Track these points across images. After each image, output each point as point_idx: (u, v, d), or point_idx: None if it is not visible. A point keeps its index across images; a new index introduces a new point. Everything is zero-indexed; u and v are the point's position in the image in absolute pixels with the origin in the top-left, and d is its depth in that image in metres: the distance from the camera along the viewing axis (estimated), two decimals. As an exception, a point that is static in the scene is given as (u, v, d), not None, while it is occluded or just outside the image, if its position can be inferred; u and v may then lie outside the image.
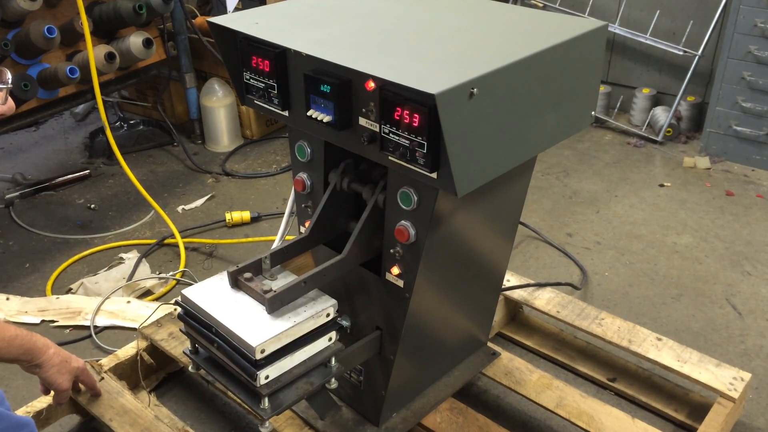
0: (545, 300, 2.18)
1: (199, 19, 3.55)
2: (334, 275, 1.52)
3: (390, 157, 1.38)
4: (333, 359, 1.50)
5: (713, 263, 2.69)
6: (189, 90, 3.58)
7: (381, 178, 1.54)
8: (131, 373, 2.03)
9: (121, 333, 2.36)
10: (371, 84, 1.34)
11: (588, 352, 2.20)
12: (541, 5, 3.83)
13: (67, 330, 2.38)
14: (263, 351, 1.36)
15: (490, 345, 2.05)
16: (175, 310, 2.17)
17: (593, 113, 1.61)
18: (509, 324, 2.31)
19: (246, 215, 2.98)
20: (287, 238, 2.03)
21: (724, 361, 1.94)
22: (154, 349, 2.09)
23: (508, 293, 2.21)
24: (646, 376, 2.11)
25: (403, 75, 1.26)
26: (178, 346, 2.03)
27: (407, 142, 1.31)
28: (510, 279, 2.25)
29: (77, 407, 1.93)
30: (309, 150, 1.65)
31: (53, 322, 2.41)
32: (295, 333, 1.42)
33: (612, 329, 2.05)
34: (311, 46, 1.42)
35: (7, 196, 3.19)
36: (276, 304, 1.42)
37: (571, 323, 2.09)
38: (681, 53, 3.53)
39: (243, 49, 1.55)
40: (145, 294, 2.58)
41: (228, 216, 2.97)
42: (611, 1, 3.75)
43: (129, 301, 2.47)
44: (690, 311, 2.43)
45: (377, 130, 1.37)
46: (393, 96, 1.30)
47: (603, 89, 3.84)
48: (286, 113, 1.57)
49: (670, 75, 3.74)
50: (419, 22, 1.57)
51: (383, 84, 1.31)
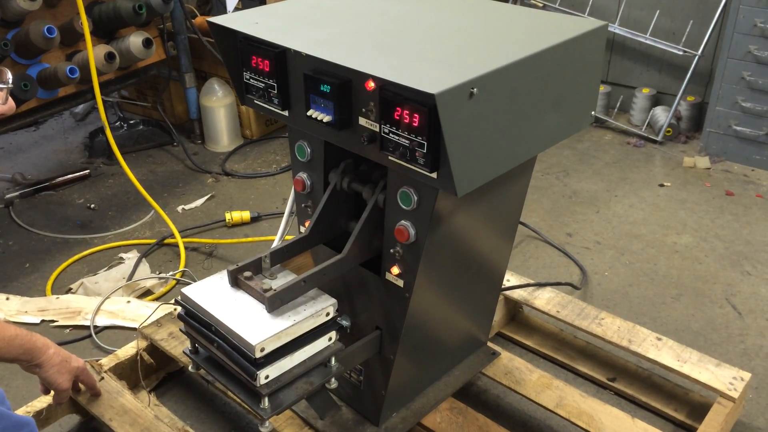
0: (545, 300, 2.18)
1: (199, 19, 3.55)
2: (334, 274, 1.52)
3: (390, 157, 1.38)
4: (333, 359, 1.50)
5: (713, 263, 2.69)
6: (189, 90, 3.58)
7: (381, 177, 1.54)
8: (131, 373, 2.03)
9: (121, 333, 2.36)
10: (371, 84, 1.34)
11: (588, 351, 2.20)
12: (541, 5, 3.83)
13: (67, 330, 2.38)
14: (263, 349, 1.36)
15: (490, 345, 2.05)
16: (175, 310, 2.17)
17: (593, 113, 1.61)
18: (509, 324, 2.31)
19: (246, 215, 2.98)
20: (287, 237, 2.03)
21: (723, 361, 1.94)
22: (154, 349, 2.09)
23: (508, 293, 2.22)
24: (645, 375, 2.11)
25: (403, 75, 1.26)
26: (178, 345, 2.03)
27: (407, 142, 1.31)
28: (510, 279, 2.25)
29: (77, 407, 1.93)
30: (309, 150, 1.65)
31: (53, 321, 2.41)
32: (295, 332, 1.42)
33: (612, 329, 2.05)
34: (311, 46, 1.42)
35: (7, 196, 3.19)
36: (276, 302, 1.42)
37: (571, 323, 2.09)
38: (681, 53, 3.53)
39: (243, 49, 1.55)
40: (145, 294, 2.58)
41: (228, 216, 2.97)
42: (611, 1, 3.75)
43: (129, 301, 2.47)
44: (690, 311, 2.43)
45: (377, 130, 1.37)
46: (393, 96, 1.30)
47: (603, 89, 3.84)
48: (286, 113, 1.57)
49: (669, 75, 3.74)
50: (419, 22, 1.57)
51: (383, 84, 1.31)
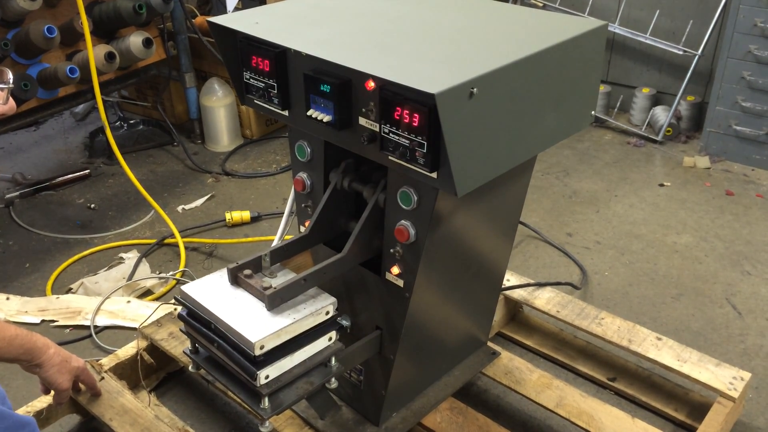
0: (545, 300, 2.18)
1: (199, 19, 3.55)
2: (333, 273, 1.52)
3: (390, 157, 1.38)
4: (333, 359, 1.50)
5: (713, 263, 2.69)
6: (189, 90, 3.58)
7: (382, 177, 1.54)
8: (131, 373, 2.03)
9: (121, 333, 2.36)
10: (371, 84, 1.34)
11: (588, 351, 2.20)
12: (541, 5, 3.83)
13: (67, 330, 2.38)
14: (262, 347, 1.36)
15: (490, 344, 2.05)
16: (175, 310, 2.17)
17: (593, 113, 1.61)
18: (509, 323, 2.31)
19: (246, 215, 2.98)
20: (286, 237, 2.03)
21: (723, 361, 1.94)
22: (154, 349, 2.09)
23: (508, 293, 2.21)
24: (645, 375, 2.11)
25: (403, 75, 1.26)
26: (178, 345, 2.03)
27: (407, 141, 1.31)
28: (510, 279, 2.25)
29: (77, 407, 1.93)
30: (309, 150, 1.65)
31: (53, 321, 2.41)
32: (295, 330, 1.42)
33: (612, 329, 2.05)
34: (311, 45, 1.42)
35: (7, 195, 3.19)
36: (276, 300, 1.42)
37: (571, 323, 2.09)
38: (681, 53, 3.53)
39: (243, 49, 1.55)
40: (145, 294, 2.58)
41: (228, 216, 2.97)
42: (611, 1, 3.75)
43: (129, 301, 2.47)
44: (690, 311, 2.43)
45: (377, 129, 1.37)
46: (393, 96, 1.30)
47: (603, 89, 3.84)
48: (286, 113, 1.57)
49: (669, 74, 3.74)
50: (419, 22, 1.57)
51: (383, 84, 1.31)
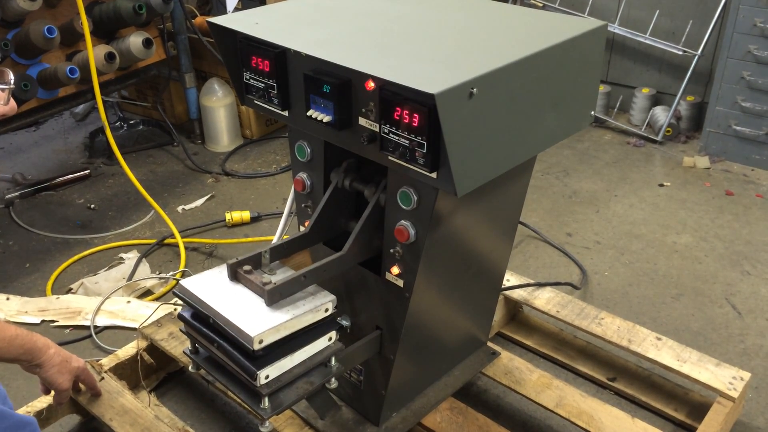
0: (545, 300, 2.18)
1: (199, 19, 3.55)
2: (333, 271, 1.52)
3: (390, 157, 1.38)
4: (333, 359, 1.50)
5: (713, 263, 2.69)
6: (189, 90, 3.58)
7: (383, 177, 1.54)
8: (131, 373, 2.03)
9: (121, 333, 2.36)
10: (371, 84, 1.34)
11: (588, 351, 2.20)
12: (541, 5, 3.83)
13: (67, 330, 2.38)
14: (261, 341, 1.35)
15: (489, 344, 2.06)
16: (175, 310, 2.18)
17: (593, 113, 1.61)
18: (509, 324, 2.31)
19: (246, 215, 2.98)
20: (284, 237, 2.03)
21: (723, 361, 1.94)
22: (154, 349, 2.09)
23: (507, 293, 2.22)
24: (645, 375, 2.11)
25: (403, 75, 1.26)
26: (178, 345, 2.03)
27: (407, 142, 1.31)
28: (510, 279, 2.25)
29: (77, 407, 1.93)
30: (309, 150, 1.65)
31: (53, 322, 2.41)
32: (294, 326, 1.41)
33: (612, 329, 2.05)
34: (311, 46, 1.42)
35: (7, 196, 3.19)
36: (275, 296, 1.42)
37: (571, 323, 2.09)
38: (680, 53, 3.53)
39: (243, 49, 1.55)
40: (145, 294, 2.58)
41: (228, 216, 2.97)
42: (611, 1, 3.75)
43: (129, 301, 2.47)
44: (690, 311, 2.43)
45: (377, 130, 1.37)
46: (393, 96, 1.30)
47: (602, 89, 3.84)
48: (285, 113, 1.58)
49: (669, 75, 3.74)
50: (419, 22, 1.57)
51: (383, 84, 1.31)
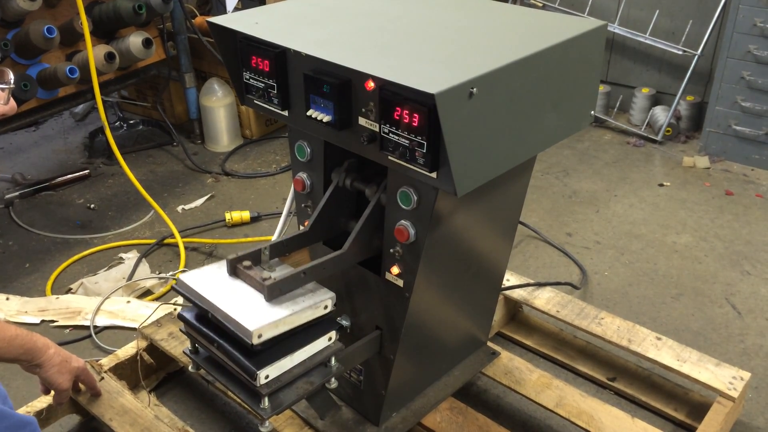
0: (545, 299, 2.18)
1: (199, 19, 3.55)
2: (333, 269, 1.52)
3: (390, 157, 1.38)
4: (333, 359, 1.49)
5: (713, 263, 2.69)
6: (188, 90, 3.58)
7: (384, 176, 1.54)
8: (131, 373, 2.03)
9: (121, 333, 2.36)
10: (371, 84, 1.34)
11: (588, 351, 2.20)
12: (541, 5, 3.83)
13: (67, 330, 2.38)
14: (260, 336, 1.34)
15: (489, 344, 2.06)
16: (175, 310, 2.18)
17: (593, 113, 1.61)
18: (509, 323, 2.31)
19: (246, 215, 2.98)
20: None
21: (723, 361, 1.94)
22: (154, 349, 2.09)
23: (507, 293, 2.22)
24: (645, 375, 2.11)
25: (403, 75, 1.26)
26: (178, 345, 2.03)
27: (407, 141, 1.31)
28: (510, 278, 2.25)
29: (77, 407, 1.93)
30: (309, 150, 1.65)
31: (53, 322, 2.41)
32: (293, 321, 1.41)
33: (612, 329, 2.05)
34: (311, 46, 1.42)
35: (7, 196, 3.19)
36: (275, 291, 1.41)
37: (571, 323, 2.09)
38: (680, 53, 3.53)
39: (243, 49, 1.55)
40: (145, 294, 2.58)
41: (228, 216, 2.97)
42: (611, 1, 3.75)
43: (129, 301, 2.47)
44: (689, 311, 2.43)
45: (377, 129, 1.37)
46: (392, 96, 1.30)
47: (602, 89, 3.84)
48: (285, 113, 1.58)
49: (669, 74, 3.74)
50: (419, 21, 1.57)
51: (383, 84, 1.31)
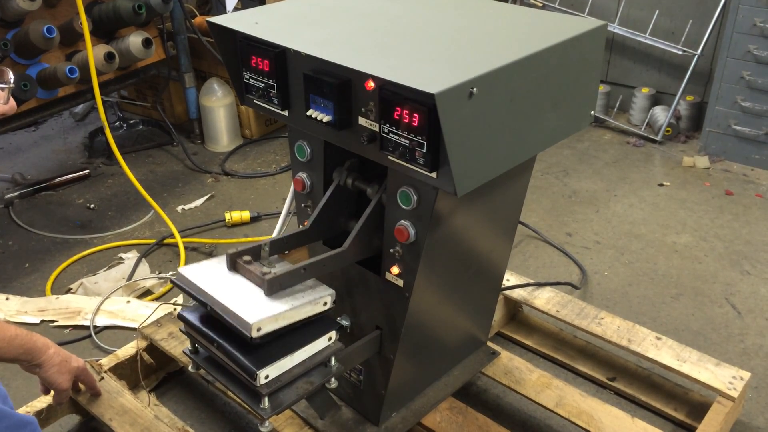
0: (545, 299, 2.18)
1: (199, 19, 3.55)
2: (333, 267, 1.52)
3: (390, 157, 1.38)
4: (333, 359, 1.49)
5: (712, 262, 2.69)
6: (188, 90, 3.58)
7: (385, 175, 1.54)
8: (131, 373, 2.03)
9: (121, 333, 2.36)
10: (371, 84, 1.34)
11: (587, 351, 2.20)
12: (541, 5, 3.83)
13: (67, 330, 2.38)
14: (260, 329, 1.34)
15: (489, 344, 2.06)
16: (175, 310, 2.18)
17: (592, 113, 1.61)
18: (509, 323, 2.31)
19: (245, 215, 2.98)
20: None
21: (723, 360, 1.94)
22: (153, 349, 2.09)
23: (507, 293, 2.22)
24: (645, 375, 2.11)
25: (403, 75, 1.26)
26: (177, 345, 2.03)
27: (407, 141, 1.31)
28: (510, 278, 2.25)
29: (77, 407, 1.93)
30: (309, 150, 1.65)
31: (53, 322, 2.40)
32: (293, 316, 1.40)
33: (611, 328, 2.05)
34: (311, 45, 1.42)
35: (7, 196, 3.19)
36: (275, 286, 1.41)
37: (571, 323, 2.09)
38: (680, 53, 3.53)
39: (242, 49, 1.55)
40: (145, 294, 2.58)
41: (227, 216, 2.97)
42: (610, 1, 3.75)
43: (129, 301, 2.47)
44: (689, 310, 2.43)
45: (377, 129, 1.37)
46: (392, 96, 1.30)
47: (602, 89, 3.84)
48: (285, 113, 1.57)
49: (669, 74, 3.74)
50: (419, 21, 1.57)
51: (383, 84, 1.31)
